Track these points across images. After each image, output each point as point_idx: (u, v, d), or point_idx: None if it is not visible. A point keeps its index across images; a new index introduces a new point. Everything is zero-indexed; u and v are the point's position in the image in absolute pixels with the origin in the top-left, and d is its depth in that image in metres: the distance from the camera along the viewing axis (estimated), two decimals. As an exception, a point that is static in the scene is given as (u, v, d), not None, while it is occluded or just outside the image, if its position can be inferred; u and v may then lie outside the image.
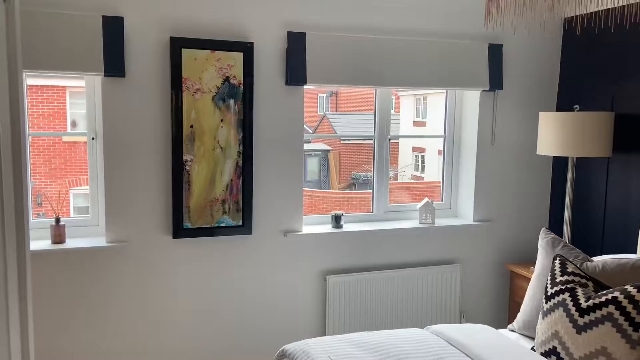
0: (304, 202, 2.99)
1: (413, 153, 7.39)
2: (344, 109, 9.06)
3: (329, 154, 7.65)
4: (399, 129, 6.50)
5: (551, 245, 2.28)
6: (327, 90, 8.27)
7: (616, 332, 1.78)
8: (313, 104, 8.93)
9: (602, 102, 2.99)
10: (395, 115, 5.46)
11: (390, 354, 1.94)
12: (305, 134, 2.95)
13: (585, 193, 3.14)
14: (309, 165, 7.52)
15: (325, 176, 7.58)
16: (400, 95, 7.25)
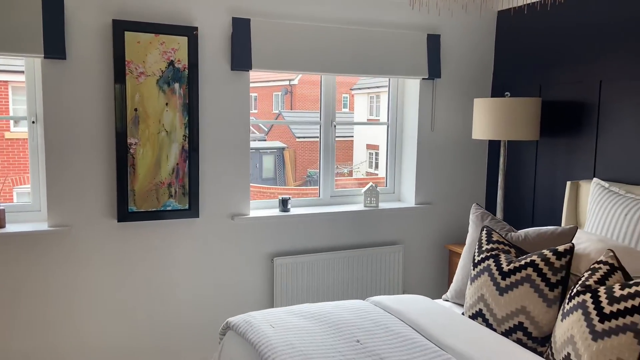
0: (260, 199, 3.04)
1: (367, 150, 7.55)
2: (299, 107, 9.13)
3: (285, 151, 7.70)
4: (354, 126, 6.63)
5: (480, 218, 2.44)
6: (282, 88, 8.30)
7: (534, 292, 1.94)
8: (268, 102, 8.93)
9: (531, 89, 3.20)
10: (349, 113, 5.57)
11: (330, 321, 2.03)
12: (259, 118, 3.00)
13: (517, 174, 3.34)
14: (265, 163, 7.54)
15: (280, 173, 7.62)
16: (354, 94, 7.39)
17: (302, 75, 6.62)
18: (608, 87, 2.75)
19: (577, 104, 2.92)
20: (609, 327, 1.58)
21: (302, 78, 7.35)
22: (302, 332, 1.92)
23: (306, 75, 4.68)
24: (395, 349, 1.81)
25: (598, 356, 1.58)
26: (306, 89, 8.65)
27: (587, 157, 2.87)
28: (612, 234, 2.39)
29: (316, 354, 1.75)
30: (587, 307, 1.66)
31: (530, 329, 1.92)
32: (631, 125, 2.64)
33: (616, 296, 1.61)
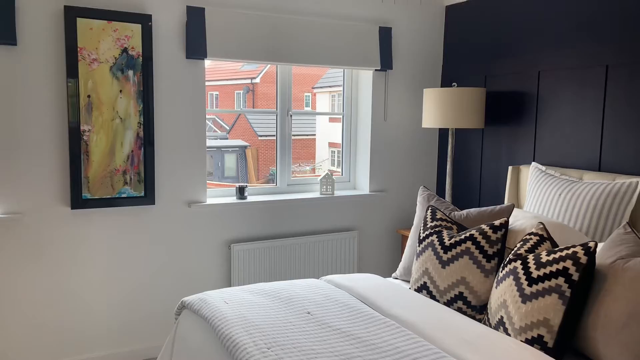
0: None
1: (329, 148, 7.66)
2: (261, 106, 9.13)
3: (247, 150, 7.70)
4: (316, 125, 6.73)
5: (427, 199, 2.56)
6: (244, 86, 8.29)
7: (473, 263, 2.06)
8: (230, 101, 8.96)
9: (477, 80, 3.36)
10: (312, 111, 5.64)
11: (283, 297, 2.10)
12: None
13: (464, 161, 3.51)
14: (227, 162, 7.57)
15: (243, 173, 7.63)
16: (316, 92, 7.47)
17: (264, 74, 6.69)
18: (546, 77, 2.93)
19: (519, 94, 3.10)
20: (537, 289, 1.72)
21: (264, 76, 7.38)
22: (255, 307, 1.99)
23: (268, 74, 4.73)
24: (343, 318, 1.90)
25: (527, 317, 1.71)
26: (268, 87, 8.67)
27: (528, 143, 3.05)
28: (548, 212, 2.56)
29: (267, 324, 1.82)
30: (517, 273, 1.80)
31: (469, 298, 2.04)
32: (566, 113, 2.82)
33: (543, 262, 1.75)
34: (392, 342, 1.70)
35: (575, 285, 1.66)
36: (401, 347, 1.66)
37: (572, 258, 1.69)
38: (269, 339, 1.70)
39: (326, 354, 1.62)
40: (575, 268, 1.67)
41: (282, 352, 1.62)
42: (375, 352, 1.64)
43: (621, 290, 1.60)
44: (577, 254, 1.69)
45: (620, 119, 2.56)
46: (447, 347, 1.67)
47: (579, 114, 2.75)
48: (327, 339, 1.73)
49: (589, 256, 1.67)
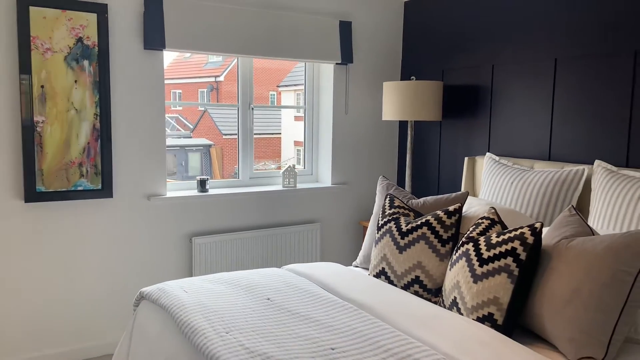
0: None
1: (295, 147, 7.68)
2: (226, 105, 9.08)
3: (211, 148, 7.64)
4: (281, 124, 6.74)
5: (386, 188, 2.62)
6: (208, 84, 8.21)
7: (428, 248, 2.12)
8: (193, 99, 8.90)
9: (435, 74, 3.45)
10: (277, 110, 5.67)
11: (243, 285, 2.11)
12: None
13: (423, 152, 3.59)
14: (191, 161, 7.49)
15: (207, 172, 7.57)
16: (281, 91, 7.48)
17: (228, 72, 6.64)
18: (499, 71, 3.03)
19: (474, 87, 3.19)
20: (487, 270, 1.79)
21: (229, 75, 7.35)
22: (214, 294, 1.99)
23: (232, 72, 4.71)
24: (303, 303, 1.92)
25: (478, 296, 1.78)
26: (233, 85, 8.63)
27: (483, 135, 3.15)
28: (501, 200, 2.65)
29: (226, 310, 1.83)
30: (469, 255, 1.86)
31: (425, 282, 2.10)
32: (518, 105, 2.93)
33: (493, 243, 1.82)
34: (350, 324, 1.74)
35: (523, 265, 1.73)
36: (358, 328, 1.70)
37: (519, 239, 1.76)
38: (227, 324, 1.71)
39: (285, 337, 1.64)
40: (522, 248, 1.74)
41: (240, 335, 1.63)
42: (333, 333, 1.67)
43: (565, 268, 1.69)
44: (525, 234, 1.77)
45: (568, 110, 2.68)
46: (401, 327, 1.72)
47: (530, 106, 2.86)
48: (286, 322, 1.76)
49: (536, 236, 1.75)
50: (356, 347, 1.57)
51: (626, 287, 1.57)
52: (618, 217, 2.14)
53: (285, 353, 1.53)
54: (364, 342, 1.61)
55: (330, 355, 1.53)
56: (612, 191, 2.22)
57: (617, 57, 2.45)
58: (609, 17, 2.49)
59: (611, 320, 1.57)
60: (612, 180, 2.25)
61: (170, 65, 5.50)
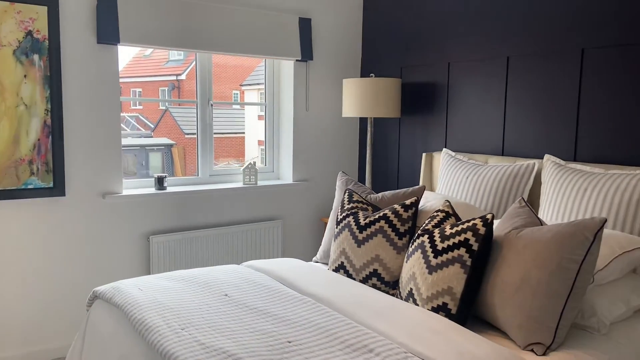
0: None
1: (259, 147, 7.66)
2: (187, 103, 8.98)
3: (173, 148, 7.50)
4: (244, 123, 6.70)
5: (345, 184, 2.64)
6: (169, 83, 8.07)
7: (386, 241, 2.15)
8: (154, 98, 8.69)
9: (394, 71, 3.50)
10: (240, 110, 5.62)
11: (200, 281, 2.08)
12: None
13: (383, 148, 3.64)
14: (152, 161, 7.36)
15: (169, 172, 7.45)
16: (244, 90, 7.43)
17: (189, 70, 6.54)
18: (455, 68, 3.10)
19: (431, 85, 3.25)
20: (441, 260, 1.82)
21: (190, 73, 7.25)
22: (170, 292, 1.96)
23: (194, 70, 4.65)
24: (261, 298, 1.92)
25: (433, 286, 1.82)
26: (194, 84, 8.53)
27: (440, 131, 3.22)
28: (457, 194, 2.72)
29: (183, 307, 1.80)
30: (424, 247, 1.90)
31: (383, 275, 2.13)
32: (473, 102, 3.01)
33: (447, 235, 1.86)
34: (308, 317, 1.74)
35: (475, 255, 1.78)
36: (315, 321, 1.71)
37: (472, 230, 1.81)
38: (183, 321, 1.69)
39: (242, 331, 1.63)
40: (475, 239, 1.79)
41: (196, 331, 1.61)
42: (291, 327, 1.67)
43: (514, 257, 1.74)
44: (477, 225, 1.81)
45: (520, 107, 2.77)
46: (358, 318, 1.74)
47: (484, 103, 2.94)
48: (243, 317, 1.75)
49: (487, 227, 1.80)
50: (313, 340, 1.58)
51: (572, 274, 1.63)
52: (566, 208, 2.23)
53: (241, 348, 1.52)
54: (321, 334, 1.62)
55: (286, 348, 1.53)
56: (560, 184, 2.30)
57: (565, 55, 2.55)
58: (558, 16, 2.58)
59: (558, 307, 1.63)
60: (560, 174, 2.34)
61: (130, 63, 5.36)
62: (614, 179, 2.14)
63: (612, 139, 2.39)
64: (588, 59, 2.46)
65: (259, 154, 6.97)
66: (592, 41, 2.44)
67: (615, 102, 2.37)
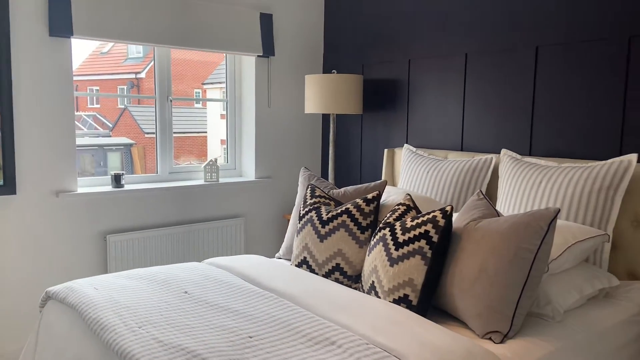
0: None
1: (222, 146, 7.57)
2: (147, 102, 8.76)
3: (132, 148, 7.31)
4: (207, 122, 6.60)
5: (307, 179, 2.63)
6: (128, 81, 7.87)
7: (348, 235, 2.16)
8: (113, 97, 8.48)
9: (355, 68, 3.51)
10: (202, 108, 5.55)
11: (159, 279, 2.03)
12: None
13: (346, 145, 3.65)
14: (110, 161, 7.17)
15: (129, 172, 7.28)
16: (206, 89, 7.32)
17: (149, 68, 6.40)
18: (415, 65, 3.14)
19: (392, 81, 3.29)
20: (402, 253, 1.84)
21: (150, 71, 7.09)
22: (128, 290, 1.90)
23: (154, 68, 4.56)
24: (222, 294, 1.89)
25: (394, 279, 1.83)
26: (154, 82, 8.35)
27: (401, 127, 3.25)
28: (418, 188, 2.75)
29: (140, 306, 1.75)
30: (386, 240, 1.91)
31: (345, 269, 2.13)
32: (433, 98, 3.05)
33: (407, 227, 1.88)
34: (270, 312, 1.72)
35: (435, 246, 1.80)
36: (277, 316, 1.69)
37: (432, 222, 1.83)
38: (140, 319, 1.64)
39: (202, 328, 1.60)
40: (435, 231, 1.81)
41: (154, 329, 1.57)
42: (252, 322, 1.65)
43: (473, 247, 1.77)
44: (436, 217, 1.84)
45: (479, 103, 2.83)
46: (321, 312, 1.73)
47: (444, 99, 2.99)
48: (203, 314, 1.71)
49: (446, 219, 1.83)
50: (274, 334, 1.56)
51: (527, 263, 1.67)
52: (522, 200, 2.29)
53: (201, 344, 1.49)
54: (283, 328, 1.60)
55: (247, 343, 1.51)
56: (516, 177, 2.36)
57: (521, 52, 2.62)
58: (513, 14, 2.65)
59: (514, 295, 1.67)
60: (516, 167, 2.40)
61: (87, 60, 5.19)
62: (567, 172, 2.21)
63: (564, 133, 2.47)
64: (542, 56, 2.53)
65: (222, 154, 6.91)
66: (546, 39, 2.51)
67: (567, 98, 2.45)
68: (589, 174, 2.14)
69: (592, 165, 2.17)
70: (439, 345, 1.50)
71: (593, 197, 2.10)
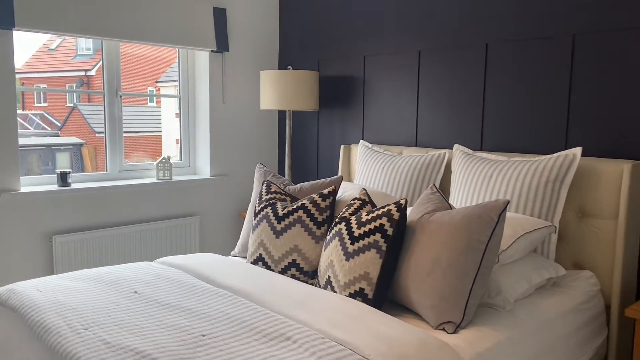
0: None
1: (177, 145, 7.40)
2: (98, 100, 8.49)
3: (82, 148, 7.04)
4: (161, 121, 6.43)
5: (263, 175, 2.59)
6: (78, 79, 7.59)
7: (304, 231, 2.14)
8: (61, 95, 8.29)
9: (311, 64, 3.50)
10: (157, 107, 5.41)
11: (108, 280, 1.96)
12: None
13: (302, 141, 3.64)
14: (59, 161, 6.91)
15: (79, 172, 7.02)
16: (160, 87, 7.13)
17: (100, 66, 6.19)
18: (370, 62, 3.16)
19: (348, 78, 3.30)
20: (358, 247, 1.84)
21: (100, 68, 6.86)
22: (74, 292, 1.82)
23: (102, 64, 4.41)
24: (174, 293, 1.83)
25: (350, 273, 1.83)
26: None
27: (357, 123, 3.27)
28: (374, 184, 2.77)
29: (87, 307, 1.68)
30: (342, 234, 1.91)
31: (302, 265, 2.12)
32: (388, 95, 3.08)
33: (363, 221, 1.88)
34: (224, 310, 1.69)
35: (390, 240, 1.81)
36: (231, 313, 1.66)
37: (387, 215, 1.84)
38: (86, 320, 1.57)
39: (152, 328, 1.55)
40: (389, 224, 1.83)
41: (101, 331, 1.51)
42: (205, 321, 1.61)
43: (427, 240, 1.79)
44: (391, 211, 1.85)
45: (432, 100, 2.87)
46: (276, 308, 1.71)
47: (399, 96, 3.02)
48: (154, 314, 1.66)
49: (401, 212, 1.84)
50: (228, 332, 1.53)
51: (479, 254, 1.71)
52: (474, 194, 2.34)
53: (151, 344, 1.44)
54: (237, 325, 1.57)
55: (200, 342, 1.47)
56: (468, 171, 2.41)
57: (471, 49, 2.68)
58: (464, 12, 2.71)
59: (466, 286, 1.70)
60: (468, 162, 2.45)
61: (34, 56, 4.95)
62: (516, 165, 2.28)
63: (514, 128, 2.55)
64: (492, 53, 2.60)
65: (177, 153, 6.75)
66: (495, 36, 2.58)
67: (516, 94, 2.53)
68: (537, 168, 2.21)
69: (539, 159, 2.24)
70: (393, 337, 1.51)
71: (540, 190, 2.17)
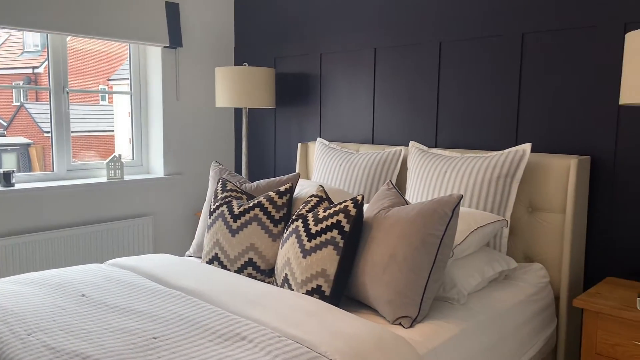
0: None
1: (130, 145, 7.20)
2: (46, 99, 8.17)
3: (30, 148, 6.74)
4: (114, 121, 6.23)
5: (219, 173, 2.54)
6: (25, 76, 7.26)
7: (261, 229, 2.11)
8: (7, 93, 7.90)
9: (268, 61, 3.47)
10: (109, 105, 5.19)
11: (54, 283, 1.86)
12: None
13: (259, 139, 3.59)
14: (5, 162, 6.59)
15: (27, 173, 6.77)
16: (112, 85, 6.91)
17: (47, 63, 5.93)
18: (327, 60, 3.15)
19: (305, 75, 3.28)
20: (315, 244, 1.83)
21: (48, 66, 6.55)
22: (17, 296, 1.72)
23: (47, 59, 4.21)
24: (124, 296, 1.76)
25: (307, 270, 1.81)
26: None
27: (314, 121, 3.25)
28: (331, 181, 2.76)
29: (30, 312, 1.59)
30: (299, 231, 1.89)
31: (258, 263, 2.09)
32: (344, 92, 3.09)
33: (320, 218, 1.87)
34: (176, 311, 1.64)
35: (347, 236, 1.81)
36: (185, 314, 1.61)
37: (343, 211, 1.84)
38: (30, 326, 1.49)
39: (101, 332, 1.48)
40: (346, 220, 1.82)
41: (45, 336, 1.43)
42: (157, 323, 1.55)
43: (383, 235, 1.80)
44: (348, 207, 1.84)
45: (388, 97, 2.90)
46: (232, 308, 1.68)
47: (355, 93, 3.03)
48: (102, 317, 1.59)
49: (358, 208, 1.84)
50: (181, 333, 1.48)
51: (434, 249, 1.73)
52: (429, 189, 2.37)
53: (99, 349, 1.37)
54: (190, 327, 1.53)
55: (151, 344, 1.41)
56: (423, 168, 2.44)
57: (425, 47, 2.71)
58: (419, 10, 2.74)
59: (422, 280, 1.72)
60: (423, 159, 2.49)
61: (-25, 51, 4.69)
62: (469, 161, 2.32)
63: (466, 126, 2.60)
64: (445, 51, 2.64)
65: (130, 153, 6.55)
66: (448, 34, 2.62)
67: (468, 92, 2.58)
68: (489, 164, 2.26)
69: (491, 155, 2.29)
70: (350, 333, 1.50)
71: (492, 185, 2.22)
